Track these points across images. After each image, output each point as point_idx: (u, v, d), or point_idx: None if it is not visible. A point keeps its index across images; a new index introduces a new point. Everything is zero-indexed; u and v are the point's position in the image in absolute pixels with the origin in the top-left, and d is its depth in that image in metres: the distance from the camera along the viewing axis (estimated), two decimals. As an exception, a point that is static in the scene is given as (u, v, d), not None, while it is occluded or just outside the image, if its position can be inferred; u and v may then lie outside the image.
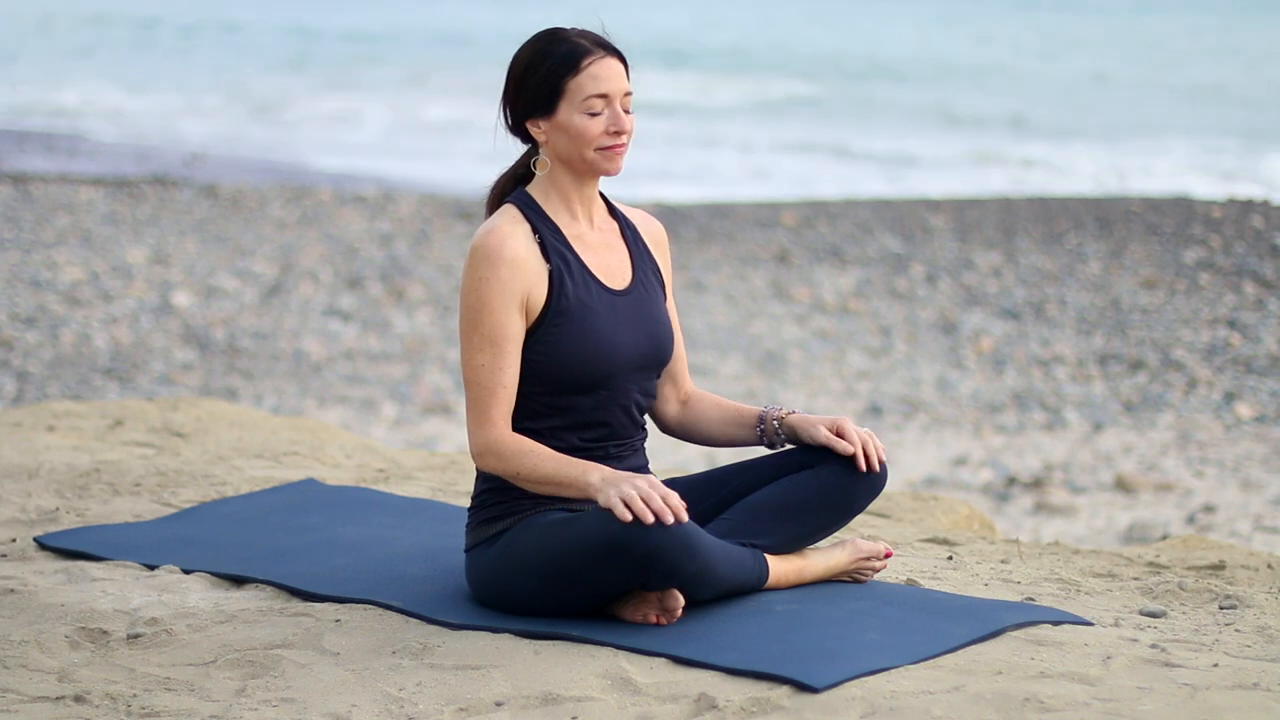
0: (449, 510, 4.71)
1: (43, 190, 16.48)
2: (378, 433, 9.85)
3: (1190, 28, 42.16)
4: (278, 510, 4.72)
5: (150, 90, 27.65)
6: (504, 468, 3.71)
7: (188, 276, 13.24)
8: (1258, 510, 8.57)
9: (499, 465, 3.72)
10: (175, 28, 39.67)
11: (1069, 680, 3.41)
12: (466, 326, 3.73)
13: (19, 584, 4.09)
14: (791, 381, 11.02)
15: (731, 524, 3.84)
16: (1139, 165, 21.38)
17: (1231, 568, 4.47)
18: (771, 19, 45.94)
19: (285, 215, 15.65)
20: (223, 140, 22.23)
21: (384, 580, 4.04)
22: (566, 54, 3.75)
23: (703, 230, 15.18)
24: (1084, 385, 11.00)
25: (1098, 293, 13.19)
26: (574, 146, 3.77)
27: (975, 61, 34.09)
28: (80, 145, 20.88)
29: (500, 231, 3.75)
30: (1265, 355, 11.58)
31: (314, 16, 43.43)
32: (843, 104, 27.40)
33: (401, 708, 3.37)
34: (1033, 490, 8.91)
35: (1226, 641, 3.71)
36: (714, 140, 23.38)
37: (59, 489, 5.01)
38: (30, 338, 11.55)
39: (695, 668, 3.49)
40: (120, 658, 3.68)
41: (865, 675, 3.42)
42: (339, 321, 12.24)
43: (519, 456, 3.70)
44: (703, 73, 31.59)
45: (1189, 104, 27.34)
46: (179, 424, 6.04)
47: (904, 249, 14.58)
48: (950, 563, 4.38)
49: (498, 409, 3.72)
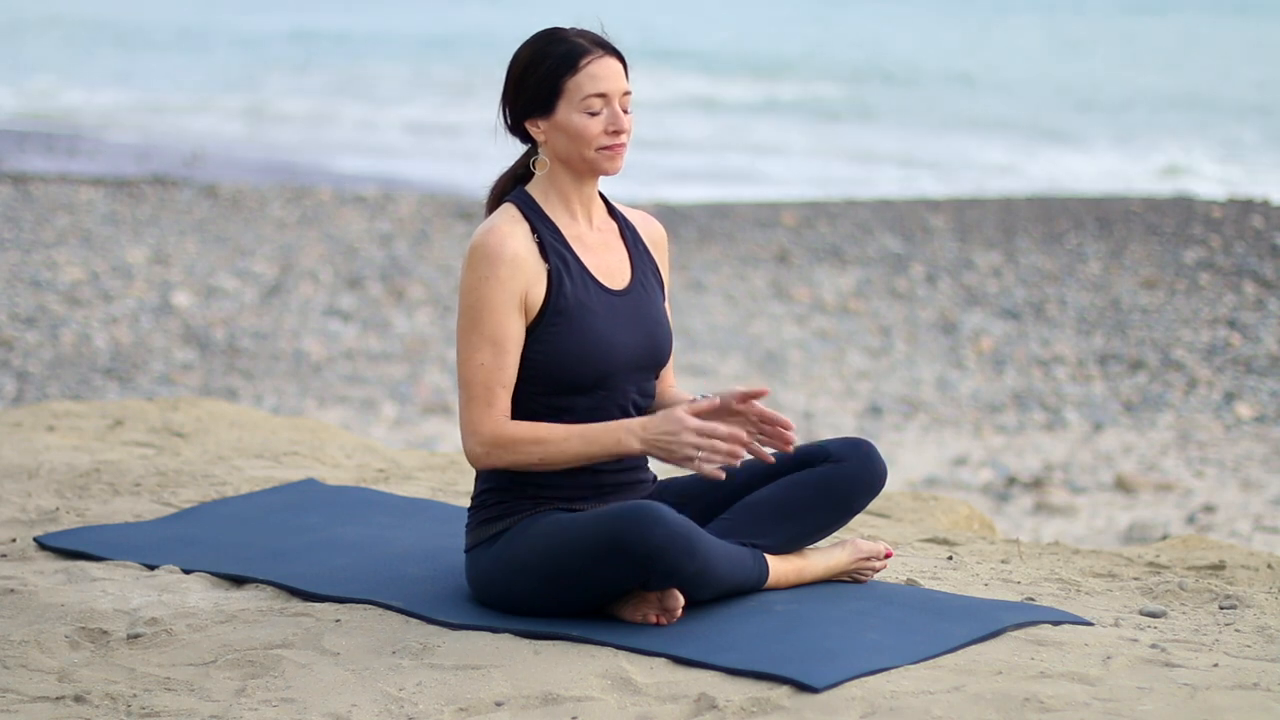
0: (449, 510, 4.71)
1: (43, 190, 16.48)
2: (378, 433, 9.85)
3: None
4: (278, 510, 4.72)
5: (149, 91, 27.65)
6: (517, 458, 3.71)
7: (188, 276, 13.24)
8: (1258, 510, 8.57)
9: (510, 457, 3.71)
10: (176, 29, 39.69)
11: (1069, 680, 3.41)
12: (466, 326, 3.73)
13: (19, 584, 4.09)
14: (791, 382, 11.02)
15: (731, 524, 3.84)
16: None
17: (1231, 568, 4.47)
18: (774, 20, 45.97)
19: (285, 215, 15.65)
20: (223, 140, 22.23)
21: (384, 580, 4.04)
22: (565, 54, 3.76)
23: (703, 230, 15.18)
24: (1084, 385, 11.00)
25: (1098, 293, 13.19)
26: (573, 146, 3.77)
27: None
28: (80, 145, 20.88)
29: (500, 231, 3.75)
30: (1265, 355, 11.58)
31: (312, 18, 43.44)
32: (887, 107, 27.23)
33: (401, 708, 3.37)
34: (1033, 490, 8.91)
35: (1226, 641, 3.71)
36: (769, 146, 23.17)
37: (59, 489, 5.01)
38: (30, 338, 11.55)
39: (695, 668, 3.49)
40: (120, 658, 3.68)
41: (865, 675, 3.42)
42: (339, 321, 12.24)
43: (533, 445, 3.70)
44: (758, 78, 31.39)
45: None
46: (179, 424, 6.04)
47: (904, 249, 14.58)
48: (950, 563, 4.38)
49: (498, 407, 3.72)
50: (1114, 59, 35.10)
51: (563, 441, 3.71)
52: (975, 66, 33.09)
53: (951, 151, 22.48)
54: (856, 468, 3.87)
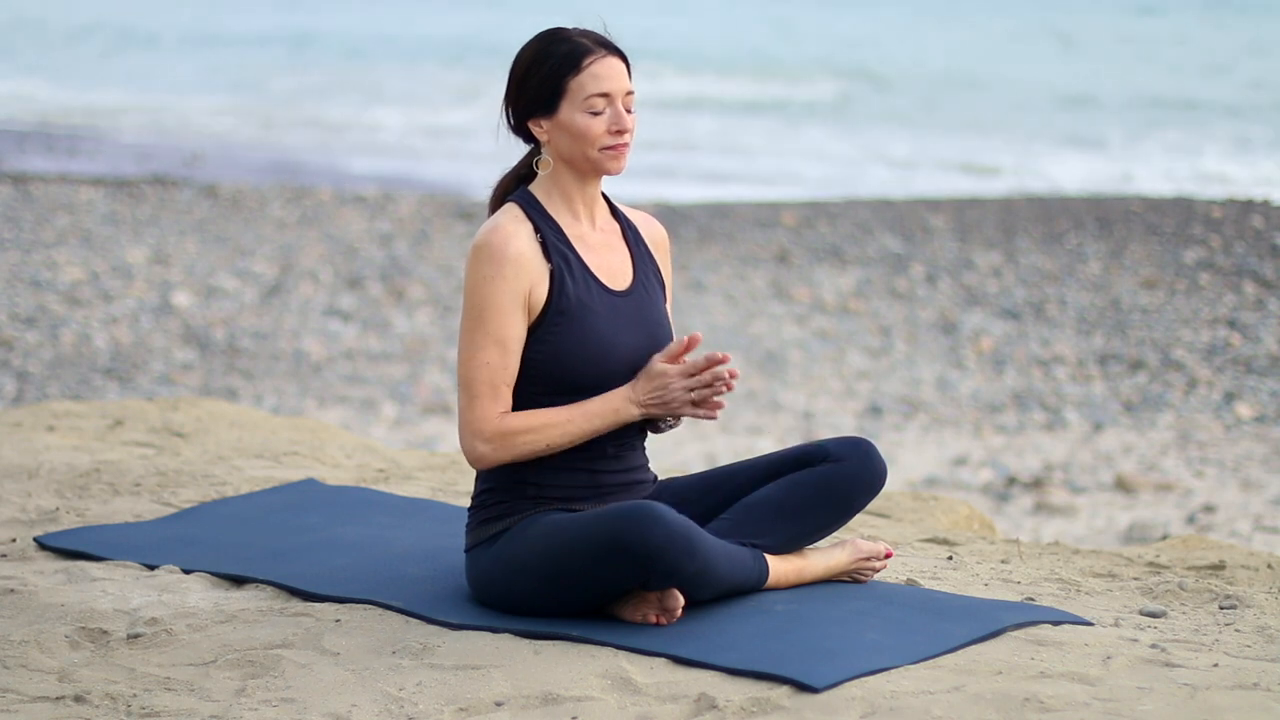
0: (449, 510, 4.71)
1: (43, 190, 16.48)
2: (378, 433, 9.85)
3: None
4: (278, 510, 4.72)
5: (150, 90, 27.66)
6: (522, 449, 3.72)
7: (188, 276, 13.24)
8: (1258, 510, 8.57)
9: (516, 450, 3.72)
10: (177, 29, 39.70)
11: (1069, 680, 3.41)
12: (471, 325, 3.73)
13: (19, 584, 4.10)
14: (791, 381, 11.02)
15: (731, 524, 3.84)
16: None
17: (1231, 568, 4.47)
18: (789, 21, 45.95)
19: (285, 215, 15.65)
20: (223, 140, 22.23)
21: (384, 580, 4.04)
22: (568, 53, 3.76)
23: (703, 230, 15.18)
24: (1084, 385, 11.00)
25: (1098, 293, 13.19)
26: (576, 146, 3.78)
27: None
28: (80, 145, 20.88)
29: (504, 230, 3.76)
30: (1265, 355, 11.58)
31: (312, 19, 43.46)
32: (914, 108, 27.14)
33: (401, 708, 3.37)
34: (1033, 490, 8.91)
35: (1226, 641, 3.71)
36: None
37: (59, 489, 5.01)
38: (30, 338, 11.55)
39: (695, 668, 3.49)
40: (120, 658, 3.68)
41: (865, 675, 3.42)
42: (339, 321, 12.24)
43: (537, 433, 3.72)
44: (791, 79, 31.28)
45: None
46: (179, 424, 6.04)
47: (904, 249, 14.58)
48: (950, 563, 4.38)
49: (502, 405, 3.73)
50: (1113, 58, 35.09)
51: (566, 424, 3.73)
52: (975, 67, 33.07)
53: (953, 151, 22.46)
54: (856, 467, 3.87)
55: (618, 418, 3.75)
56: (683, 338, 3.77)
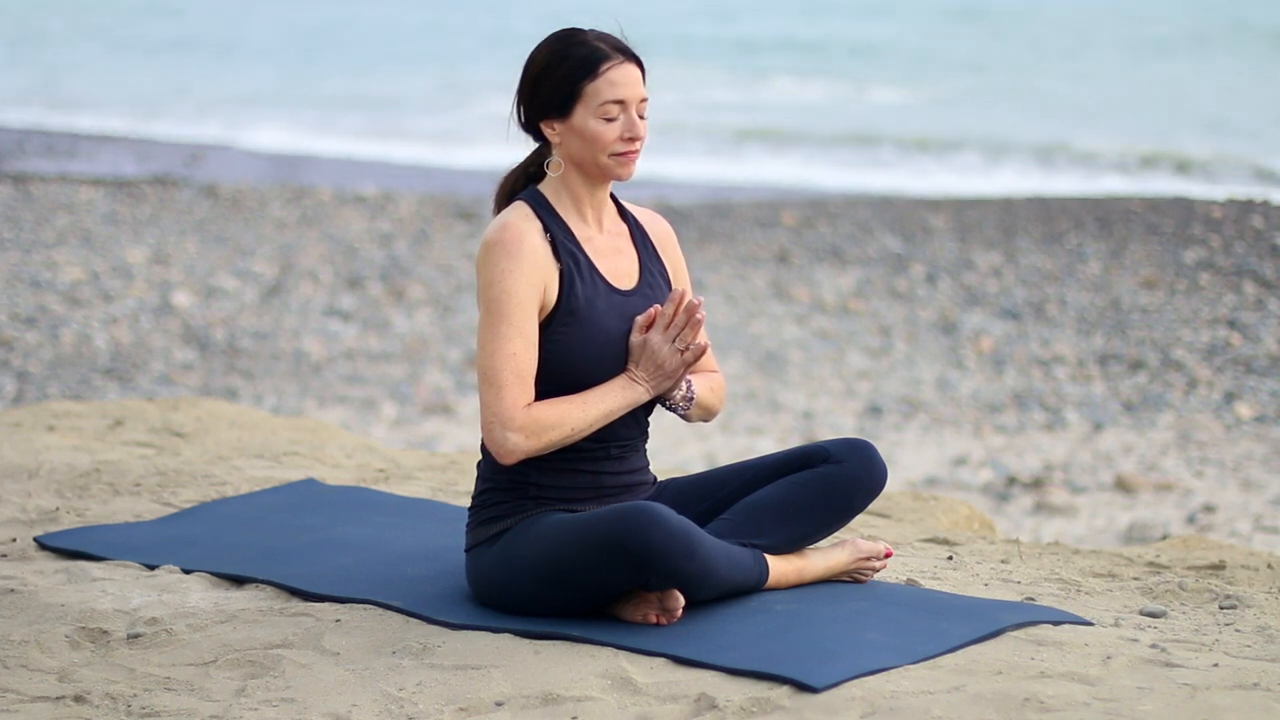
0: (449, 510, 4.71)
1: (43, 190, 16.48)
2: (378, 433, 9.86)
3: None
4: (278, 510, 4.72)
5: (150, 90, 27.67)
6: (550, 439, 3.72)
7: (188, 276, 13.24)
8: (1258, 510, 8.57)
9: (545, 439, 3.71)
10: (177, 29, 39.71)
11: (1069, 680, 3.41)
12: (493, 319, 3.71)
13: (19, 584, 4.10)
14: (791, 381, 11.02)
15: (731, 524, 3.84)
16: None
17: (1231, 568, 4.47)
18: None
19: (285, 215, 15.65)
20: (223, 140, 22.23)
21: (384, 580, 4.04)
22: (585, 58, 3.74)
23: (703, 230, 15.18)
24: (1084, 385, 11.00)
25: (1098, 293, 13.19)
26: (587, 150, 3.77)
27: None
28: (80, 145, 20.88)
29: (516, 227, 3.75)
30: (1265, 355, 11.58)
31: (313, 18, 43.46)
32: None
33: (401, 708, 3.37)
34: (1033, 490, 8.91)
35: (1226, 641, 3.71)
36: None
37: (59, 489, 5.01)
38: (30, 338, 11.56)
39: (695, 668, 3.49)
40: (120, 658, 3.68)
41: (865, 675, 3.42)
42: (339, 321, 12.24)
43: (563, 423, 3.72)
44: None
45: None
46: (179, 424, 6.04)
47: (904, 249, 14.58)
48: (950, 563, 4.38)
49: (527, 395, 3.72)
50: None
51: (586, 410, 3.75)
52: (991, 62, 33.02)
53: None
54: (857, 469, 3.87)
55: (627, 399, 3.78)
56: (649, 309, 3.80)
